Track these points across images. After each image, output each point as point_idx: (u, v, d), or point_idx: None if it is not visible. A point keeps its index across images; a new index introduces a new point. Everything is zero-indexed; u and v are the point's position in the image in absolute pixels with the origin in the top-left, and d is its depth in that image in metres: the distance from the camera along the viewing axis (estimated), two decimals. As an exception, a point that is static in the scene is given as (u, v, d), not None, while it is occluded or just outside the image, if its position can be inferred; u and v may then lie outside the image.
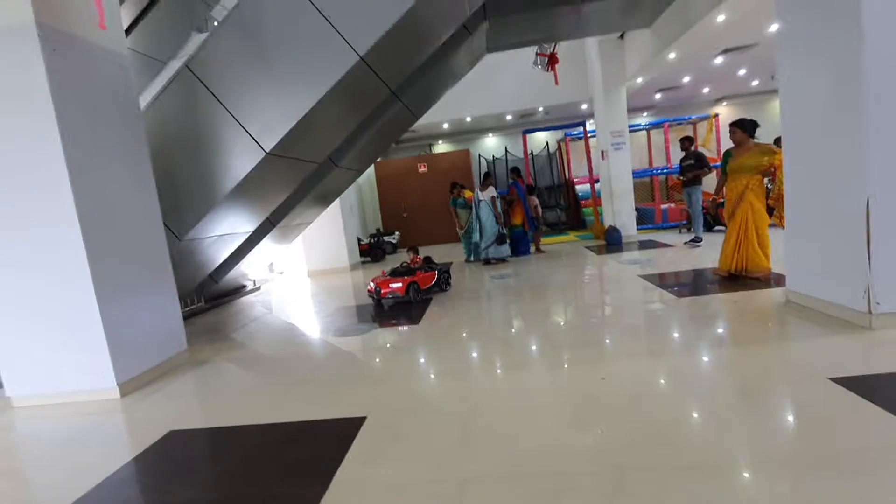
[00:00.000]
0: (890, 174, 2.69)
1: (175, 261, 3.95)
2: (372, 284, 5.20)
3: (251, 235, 5.92)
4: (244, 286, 7.61)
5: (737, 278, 4.44)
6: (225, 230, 5.02)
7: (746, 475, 1.66)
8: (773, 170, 4.24)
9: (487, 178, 7.59)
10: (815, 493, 1.51)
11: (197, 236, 4.56)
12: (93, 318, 3.16)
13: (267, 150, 4.10)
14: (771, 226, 4.45)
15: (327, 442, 2.26)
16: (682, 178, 7.31)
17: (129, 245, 3.52)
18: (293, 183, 5.44)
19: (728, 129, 4.58)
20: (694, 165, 7.17)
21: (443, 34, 4.82)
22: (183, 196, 4.27)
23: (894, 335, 2.67)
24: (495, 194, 7.42)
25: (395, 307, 5.11)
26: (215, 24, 6.49)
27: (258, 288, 7.80)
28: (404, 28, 3.96)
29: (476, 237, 7.59)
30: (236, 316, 5.77)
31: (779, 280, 4.09)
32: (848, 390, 2.12)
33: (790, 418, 2.06)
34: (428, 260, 6.00)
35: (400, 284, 5.10)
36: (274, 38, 3.91)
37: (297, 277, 8.78)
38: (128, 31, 5.65)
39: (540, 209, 8.54)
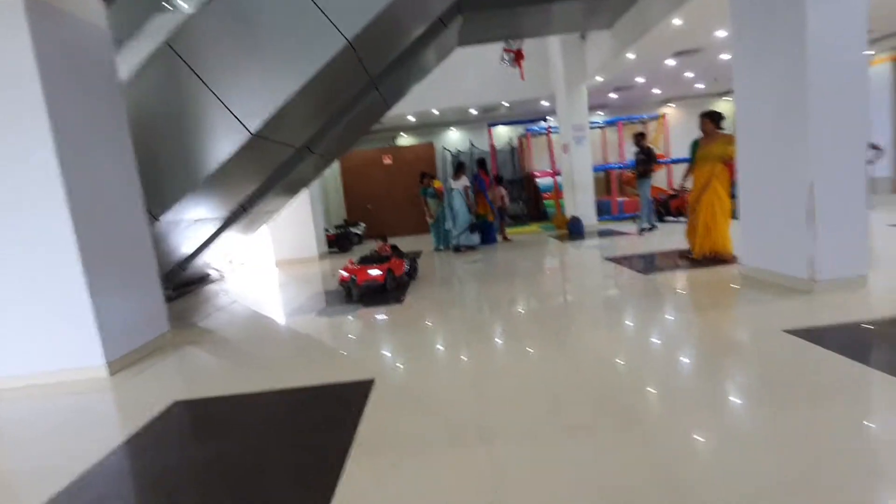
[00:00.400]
0: (829, 162, 3.13)
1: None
2: (344, 273, 4.85)
3: (223, 224, 5.82)
4: (208, 275, 7.42)
5: (704, 262, 4.61)
6: (201, 214, 4.92)
7: (719, 403, 1.96)
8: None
9: (461, 168, 7.79)
10: (778, 416, 1.82)
11: (174, 218, 4.46)
12: (82, 298, 3.10)
13: (252, 132, 4.08)
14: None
15: (343, 401, 2.38)
16: (635, 171, 7.85)
17: (115, 226, 3.47)
18: (270, 168, 5.39)
19: (699, 120, 4.80)
20: (644, 160, 7.73)
21: (422, 24, 4.97)
22: (163, 176, 4.16)
23: (832, 298, 3.11)
24: (468, 184, 7.63)
25: (373, 292, 4.97)
26: (182, 3, 6.31)
27: (222, 277, 7.62)
28: (390, 15, 4.06)
29: (448, 224, 7.78)
30: (208, 302, 5.66)
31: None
32: (799, 338, 2.50)
33: (756, 359, 2.40)
34: (395, 249, 5.81)
35: (379, 272, 4.84)
36: (264, 19, 3.90)
37: (262, 268, 8.62)
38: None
39: (507, 199, 8.84)
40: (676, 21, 5.79)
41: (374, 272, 4.84)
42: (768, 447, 1.60)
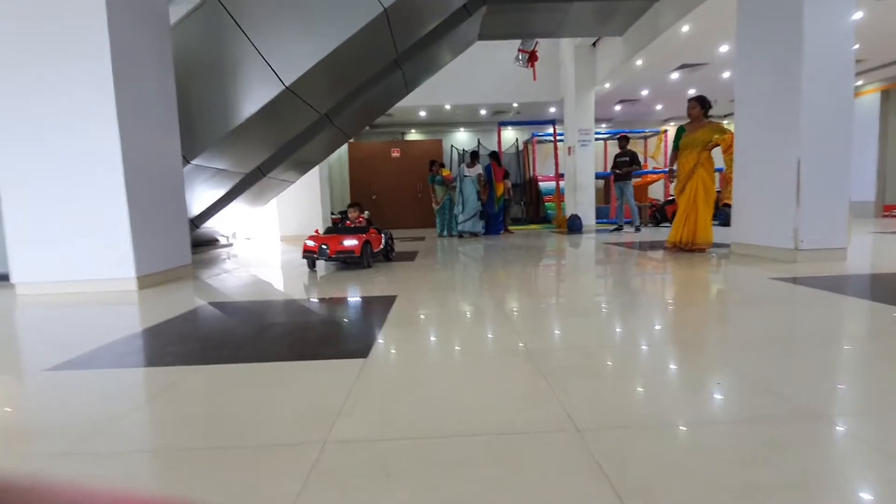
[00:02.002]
0: (816, 142, 3.44)
1: (186, 179, 4.11)
2: (311, 242, 4.19)
3: (240, 181, 6.03)
4: (216, 240, 7.59)
5: (682, 249, 4.59)
6: (226, 165, 5.14)
7: (731, 341, 2.21)
8: (724, 149, 4.47)
9: (475, 157, 8.11)
10: (774, 345, 2.08)
11: (203, 163, 4.68)
12: (122, 216, 3.32)
13: (286, 84, 4.34)
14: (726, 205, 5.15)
15: (373, 306, 2.60)
16: (616, 171, 8.23)
17: (155, 159, 3.72)
18: (292, 131, 5.65)
19: (687, 103, 4.69)
20: (628, 162, 8.12)
21: (451, 5, 5.29)
22: (196, 121, 4.40)
23: (814, 264, 3.40)
24: (482, 172, 7.95)
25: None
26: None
27: (231, 244, 7.79)
28: (423, -10, 4.38)
29: (457, 209, 8.06)
30: (219, 260, 5.83)
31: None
32: (783, 282, 2.77)
33: (751, 297, 2.66)
34: (370, 222, 4.99)
35: (356, 242, 4.11)
36: (307, -21, 4.20)
37: (267, 242, 8.80)
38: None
39: (511, 192, 9.16)
40: (685, 28, 6.18)
41: (350, 242, 4.13)
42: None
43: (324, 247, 4.11)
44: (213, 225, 6.79)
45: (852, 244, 4.13)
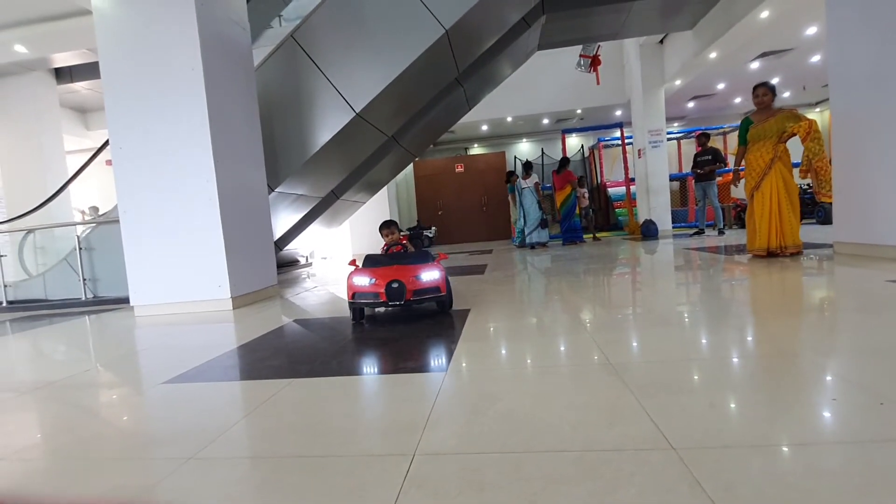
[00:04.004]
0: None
1: (269, 207, 4.45)
2: (362, 280, 2.67)
3: (317, 205, 6.42)
4: (298, 260, 8.10)
5: (775, 255, 4.08)
6: (304, 191, 5.51)
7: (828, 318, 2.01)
8: (803, 137, 3.90)
9: (529, 167, 8.03)
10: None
11: (285, 190, 5.05)
12: (219, 246, 3.68)
13: (357, 111, 4.59)
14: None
15: (447, 319, 2.65)
16: (698, 171, 7.69)
17: (245, 193, 4.08)
18: (363, 154, 5.94)
19: (755, 90, 4.22)
20: (710, 161, 7.56)
21: (511, 19, 5.33)
22: (279, 151, 4.77)
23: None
24: (538, 180, 7.85)
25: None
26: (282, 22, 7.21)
27: (310, 264, 8.27)
28: (482, 8, 4.46)
29: (520, 222, 7.99)
30: (300, 279, 6.21)
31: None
32: (904, 285, 2.46)
33: (867, 302, 2.40)
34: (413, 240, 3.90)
35: (438, 274, 2.69)
36: (371, 12, 4.45)
37: (342, 262, 9.24)
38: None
39: (586, 200, 8.97)
40: (764, 14, 5.75)
41: (431, 275, 2.67)
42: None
43: (394, 285, 2.56)
44: (294, 246, 7.27)
45: None
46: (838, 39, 3.75)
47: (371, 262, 2.92)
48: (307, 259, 8.29)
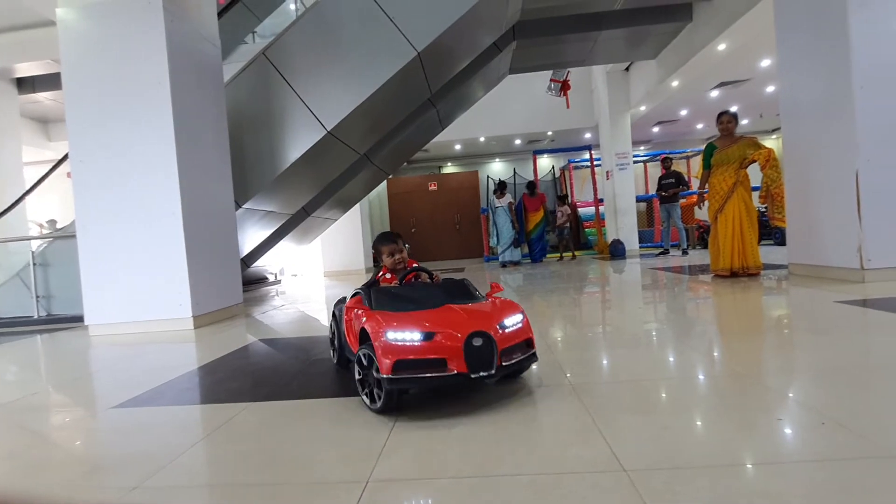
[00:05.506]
0: (873, 148, 3.26)
1: (237, 223, 4.37)
2: (416, 336, 1.41)
3: (287, 222, 6.33)
4: (266, 278, 7.93)
5: (737, 275, 4.20)
6: (273, 208, 5.43)
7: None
8: (762, 164, 4.13)
9: (503, 187, 8.16)
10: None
11: (254, 207, 4.97)
12: (181, 261, 3.55)
13: (328, 129, 4.59)
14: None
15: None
16: (662, 193, 7.99)
17: (210, 209, 3.98)
18: (334, 172, 5.92)
19: (719, 118, 4.41)
20: (674, 184, 7.88)
21: (482, 44, 5.47)
22: (249, 167, 4.70)
23: (885, 285, 3.14)
24: (512, 200, 7.98)
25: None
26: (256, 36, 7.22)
27: (279, 281, 8.11)
28: (453, 34, 4.56)
29: (493, 240, 8.08)
30: (268, 297, 6.08)
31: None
32: (851, 304, 2.59)
33: (817, 323, 2.51)
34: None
35: (520, 319, 1.60)
36: (345, 33, 4.48)
37: (312, 279, 9.10)
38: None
39: (563, 218, 9.17)
40: (721, 46, 6.08)
41: (514, 318, 1.59)
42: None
43: (476, 342, 1.42)
44: (262, 263, 7.12)
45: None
46: (788, 71, 3.99)
47: (393, 299, 1.66)
48: (276, 276, 8.13)
